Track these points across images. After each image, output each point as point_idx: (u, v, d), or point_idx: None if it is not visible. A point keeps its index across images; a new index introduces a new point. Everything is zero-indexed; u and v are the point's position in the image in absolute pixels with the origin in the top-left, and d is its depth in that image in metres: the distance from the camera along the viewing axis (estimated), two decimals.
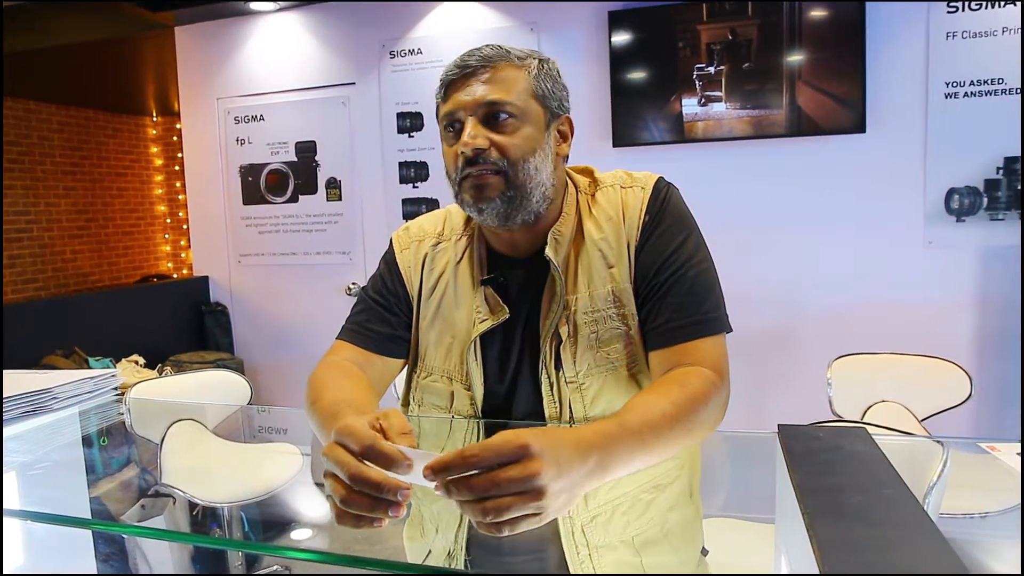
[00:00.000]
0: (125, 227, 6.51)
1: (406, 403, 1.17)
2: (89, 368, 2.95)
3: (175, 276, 6.71)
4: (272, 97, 3.65)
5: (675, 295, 0.97)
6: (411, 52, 3.40)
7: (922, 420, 1.95)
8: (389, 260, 1.16)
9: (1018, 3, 2.65)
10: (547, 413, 1.01)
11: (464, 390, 1.05)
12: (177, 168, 6.76)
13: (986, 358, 2.77)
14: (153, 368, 3.23)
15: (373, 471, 0.65)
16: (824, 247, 2.93)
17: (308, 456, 2.09)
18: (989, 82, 2.70)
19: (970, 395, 1.92)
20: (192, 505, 2.80)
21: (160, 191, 6.87)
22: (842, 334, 2.87)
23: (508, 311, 1.03)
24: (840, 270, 2.92)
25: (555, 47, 3.16)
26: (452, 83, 0.99)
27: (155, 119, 6.78)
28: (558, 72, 1.05)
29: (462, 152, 0.96)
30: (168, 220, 6.91)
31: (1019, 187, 2.70)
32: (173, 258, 6.94)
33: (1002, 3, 2.67)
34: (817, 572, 0.54)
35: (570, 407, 1.00)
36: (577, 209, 1.07)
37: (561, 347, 1.00)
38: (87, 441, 1.42)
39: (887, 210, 2.85)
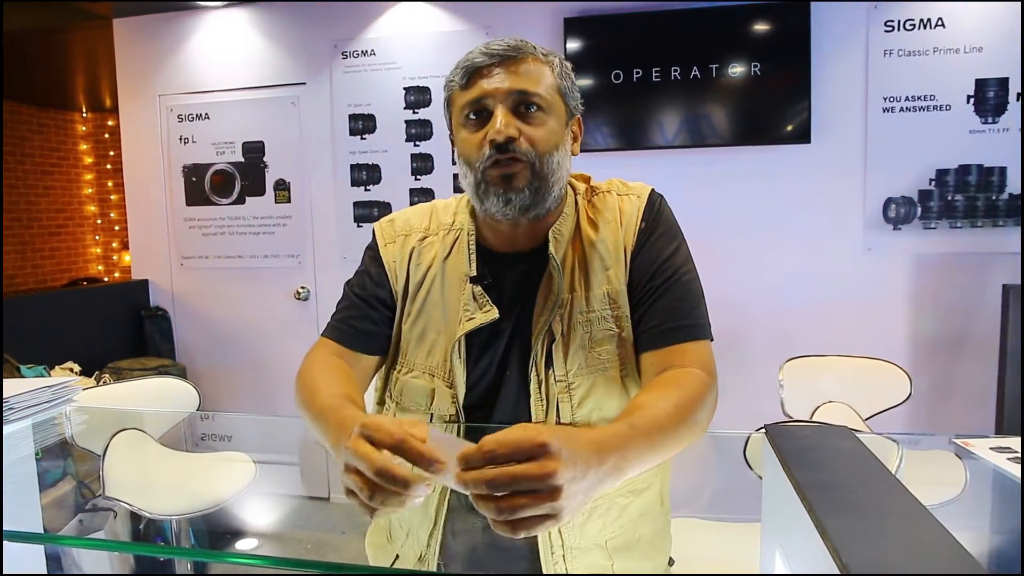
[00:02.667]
0: (51, 228, 6.18)
1: (381, 401, 1.15)
2: (22, 376, 2.79)
3: (106, 279, 6.41)
4: (218, 95, 3.54)
5: (668, 299, 0.99)
6: (364, 53, 3.35)
7: (866, 419, 2.04)
8: (373, 254, 1.14)
9: (946, 27, 2.82)
10: (533, 412, 1.01)
11: (446, 388, 1.03)
12: (109, 167, 6.46)
13: (919, 359, 2.93)
14: (90, 376, 3.08)
15: (400, 468, 0.66)
16: (770, 253, 3.03)
17: (259, 464, 2.03)
18: (922, 98, 2.85)
19: (910, 395, 2.01)
20: (135, 518, 2.68)
21: (90, 190, 6.55)
22: (787, 337, 2.98)
23: (497, 311, 1.02)
24: (785, 275, 3.02)
25: None
26: (478, 70, 0.97)
27: (85, 115, 6.47)
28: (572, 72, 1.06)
29: (493, 139, 0.95)
30: (99, 221, 6.60)
31: (950, 198, 2.87)
32: (104, 261, 6.63)
33: (933, 25, 2.83)
34: (833, 572, 0.55)
35: (557, 408, 1.00)
36: (576, 211, 1.08)
37: (553, 345, 1.00)
38: None
39: (830, 217, 2.98)
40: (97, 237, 6.62)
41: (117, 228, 6.56)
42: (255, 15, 3.46)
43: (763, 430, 1.07)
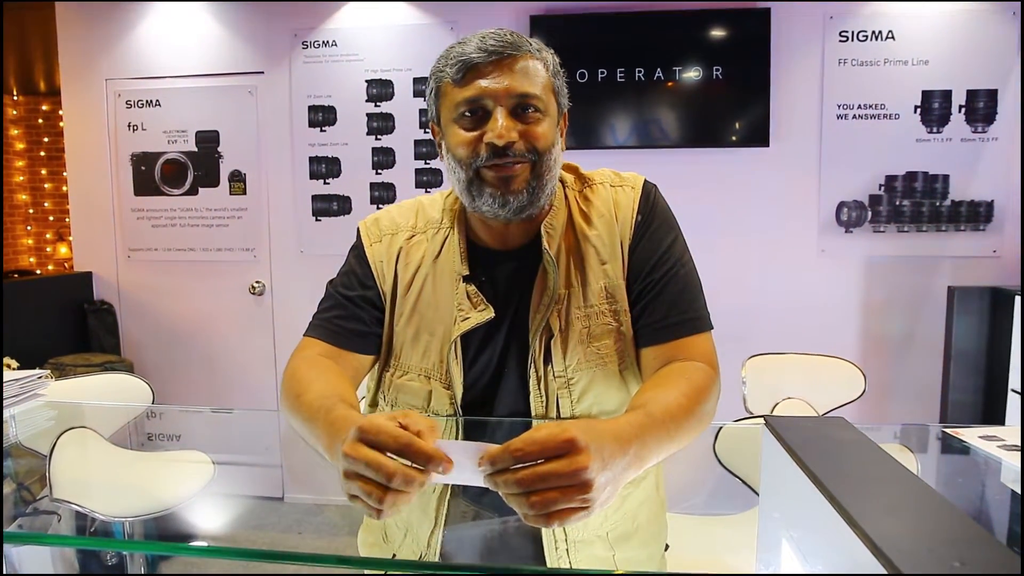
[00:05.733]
0: None
1: (374, 403, 1.13)
2: None
3: (39, 272, 6.10)
4: (170, 82, 3.40)
5: (669, 293, 1.00)
6: (325, 44, 3.28)
7: (822, 415, 2.12)
8: (358, 253, 1.11)
9: (895, 40, 2.95)
10: (533, 409, 1.01)
11: (443, 388, 1.02)
12: (43, 154, 6.16)
13: (868, 356, 3.05)
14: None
15: (406, 465, 0.65)
16: (728, 253, 3.11)
17: (218, 465, 1.96)
18: (873, 107, 2.98)
19: (864, 391, 2.10)
20: (81, 522, 2.56)
21: (21, 178, 6.22)
22: (743, 335, 3.05)
23: (492, 310, 1.01)
24: (742, 275, 3.11)
25: None
26: (475, 67, 0.94)
27: (16, 98, 6.14)
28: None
29: (492, 142, 0.93)
30: (31, 211, 6.27)
31: (898, 203, 3.00)
32: (37, 252, 6.30)
33: (884, 37, 2.96)
34: (863, 561, 0.56)
35: (557, 403, 1.00)
36: (566, 203, 1.07)
37: (552, 341, 1.00)
38: None
39: (786, 219, 3.08)
40: (29, 228, 6.29)
41: (51, 218, 6.25)
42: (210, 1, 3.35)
43: (757, 423, 1.09)
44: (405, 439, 0.65)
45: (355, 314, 1.06)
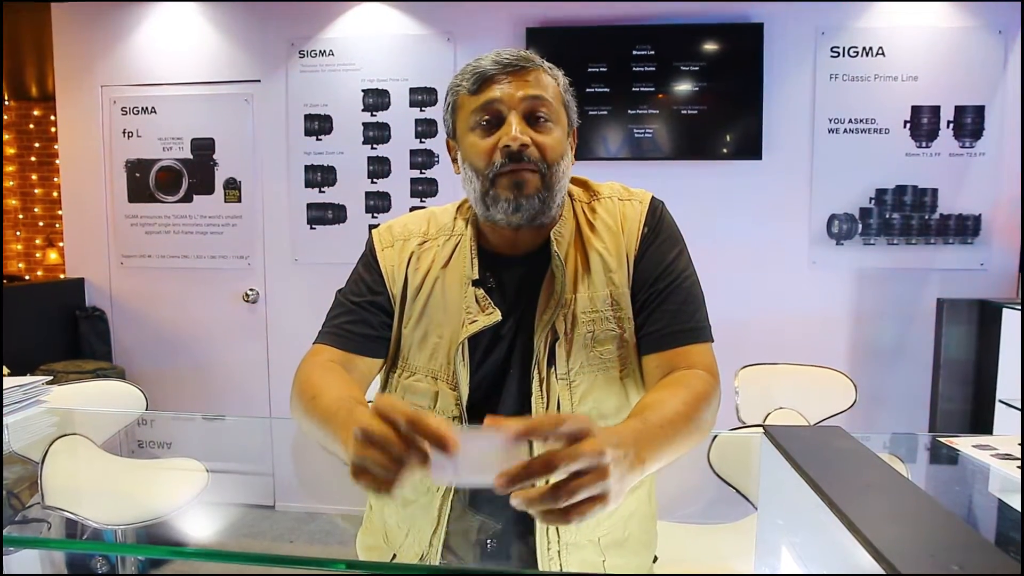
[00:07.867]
0: None
1: None
2: None
3: (27, 277, 6.06)
4: (166, 89, 3.40)
5: (671, 303, 1.02)
6: (322, 53, 3.30)
7: (813, 425, 2.14)
8: (368, 260, 1.14)
9: (886, 56, 3.00)
10: (534, 409, 1.02)
11: (450, 390, 1.04)
12: (34, 159, 6.12)
13: (858, 366, 3.08)
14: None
15: (432, 417, 0.66)
16: (721, 264, 3.13)
17: (212, 473, 1.96)
18: (864, 121, 3.02)
19: (855, 401, 2.12)
20: (72, 531, 2.54)
21: (12, 183, 6.18)
22: (735, 346, 3.08)
23: (499, 313, 1.03)
24: (734, 286, 3.14)
25: (471, 59, 3.18)
26: (490, 77, 0.99)
27: (7, 102, 6.11)
28: None
29: (507, 146, 0.97)
30: (21, 216, 6.23)
31: (887, 216, 3.04)
32: (26, 258, 6.26)
33: (874, 53, 3.01)
34: (864, 565, 0.58)
35: (558, 404, 1.02)
36: (574, 215, 1.10)
37: (557, 344, 1.02)
38: None
39: (778, 231, 3.12)
40: (18, 233, 6.24)
41: (41, 224, 6.21)
42: (208, 8, 3.36)
43: (750, 432, 1.11)
44: (416, 414, 0.66)
45: (364, 319, 1.08)
